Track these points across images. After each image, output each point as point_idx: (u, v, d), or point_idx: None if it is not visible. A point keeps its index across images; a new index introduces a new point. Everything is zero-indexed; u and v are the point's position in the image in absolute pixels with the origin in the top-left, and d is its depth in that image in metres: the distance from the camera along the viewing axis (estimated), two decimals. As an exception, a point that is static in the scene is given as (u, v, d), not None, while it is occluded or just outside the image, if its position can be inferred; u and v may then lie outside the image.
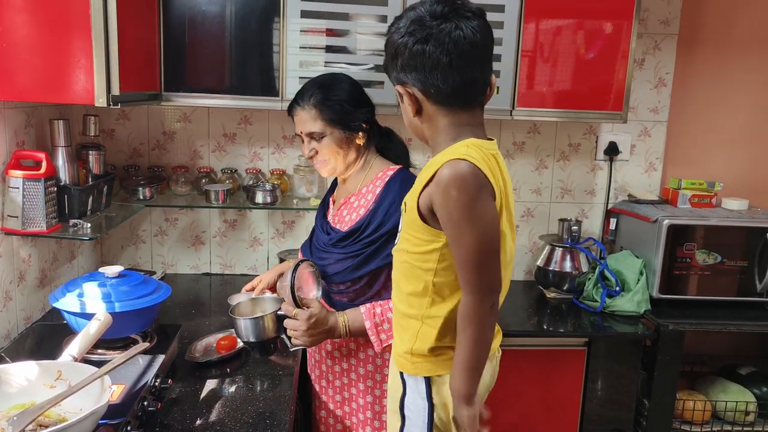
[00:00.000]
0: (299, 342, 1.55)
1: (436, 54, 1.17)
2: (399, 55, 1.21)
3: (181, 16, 1.99)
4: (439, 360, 1.31)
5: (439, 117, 1.26)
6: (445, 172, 1.17)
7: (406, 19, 1.21)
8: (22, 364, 1.23)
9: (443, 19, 1.18)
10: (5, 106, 1.68)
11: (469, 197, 1.15)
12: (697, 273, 2.25)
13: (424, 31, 1.18)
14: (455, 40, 1.17)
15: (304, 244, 1.81)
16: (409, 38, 1.19)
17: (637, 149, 2.57)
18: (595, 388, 2.17)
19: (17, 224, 1.68)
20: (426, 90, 1.22)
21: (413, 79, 1.22)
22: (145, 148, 2.38)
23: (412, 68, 1.20)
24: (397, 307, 1.38)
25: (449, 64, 1.18)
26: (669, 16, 2.47)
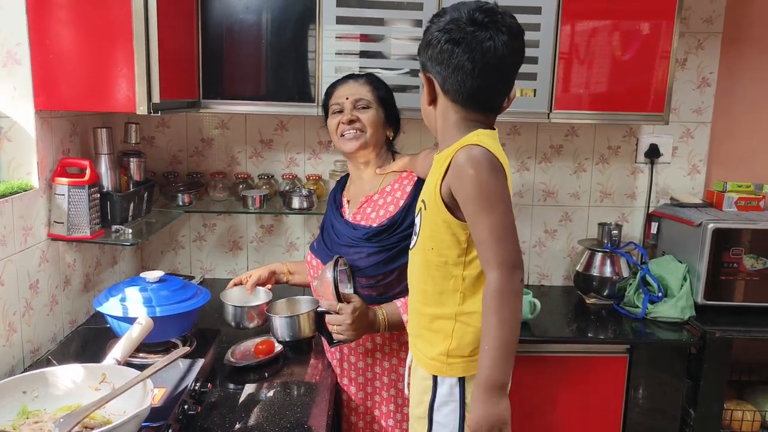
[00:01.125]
0: (343, 337, 1.54)
1: (463, 58, 1.22)
2: (430, 46, 1.27)
3: (219, 24, 2.02)
4: (475, 358, 1.29)
5: (451, 112, 1.31)
6: (461, 156, 1.22)
7: (448, 15, 1.26)
8: (68, 366, 1.26)
9: (480, 27, 1.22)
10: (52, 116, 1.74)
11: (486, 174, 1.20)
12: (744, 278, 2.18)
13: (459, 33, 1.22)
14: (484, 50, 1.22)
15: (315, 245, 1.81)
16: (443, 35, 1.24)
17: (679, 151, 2.51)
18: (637, 396, 2.11)
19: (63, 230, 1.72)
20: (444, 85, 1.28)
21: (436, 72, 1.28)
22: (184, 155, 2.43)
23: (438, 62, 1.26)
24: (423, 311, 1.37)
25: (471, 71, 1.23)
26: (713, 14, 2.40)
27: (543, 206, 2.53)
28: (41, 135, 1.68)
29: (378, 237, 1.64)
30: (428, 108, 1.34)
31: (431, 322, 1.35)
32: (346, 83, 1.75)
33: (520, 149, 2.48)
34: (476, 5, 1.25)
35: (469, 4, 1.25)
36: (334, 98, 1.75)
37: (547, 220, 2.54)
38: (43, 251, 1.70)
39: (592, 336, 2.12)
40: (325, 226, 1.83)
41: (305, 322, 1.57)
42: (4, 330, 1.52)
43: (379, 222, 1.67)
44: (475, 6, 1.25)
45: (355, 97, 1.70)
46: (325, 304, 1.56)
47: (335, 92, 1.75)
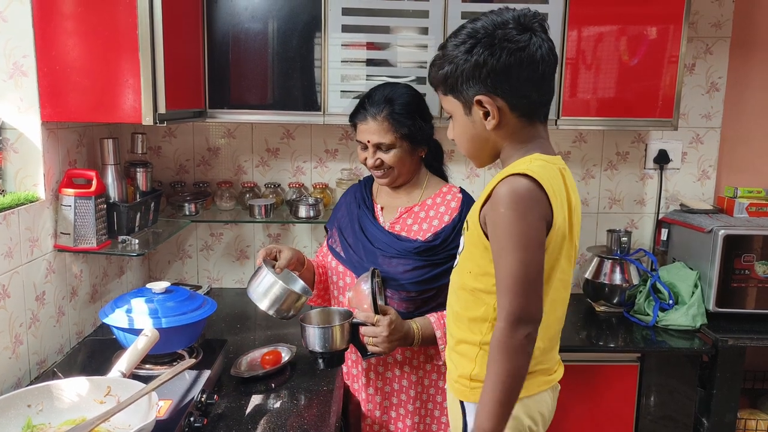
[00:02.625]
0: (378, 349, 1.52)
1: (533, 65, 1.16)
2: (485, 65, 1.16)
3: (225, 34, 2.02)
4: None
5: (520, 130, 1.23)
6: (502, 188, 1.14)
7: (489, 27, 1.17)
8: (73, 379, 1.25)
9: (532, 31, 1.17)
10: (58, 127, 1.74)
11: (517, 215, 1.12)
12: (757, 285, 2.15)
13: (517, 42, 1.16)
14: (546, 52, 1.18)
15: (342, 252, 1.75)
16: (501, 50, 1.15)
17: (688, 157, 2.48)
18: (648, 405, 2.08)
19: (69, 241, 1.72)
20: (515, 102, 1.19)
21: (502, 91, 1.18)
22: (191, 165, 2.43)
23: (503, 80, 1.17)
24: (453, 334, 1.34)
25: (542, 77, 1.18)
26: (721, 18, 2.38)
27: (551, 213, 2.51)
28: (48, 146, 1.68)
29: (429, 252, 1.63)
30: (485, 134, 1.23)
31: (457, 345, 1.32)
32: (366, 122, 1.65)
33: (527, 156, 2.46)
34: (513, 12, 1.19)
35: (504, 13, 1.19)
36: (359, 133, 1.69)
37: (555, 227, 2.52)
38: (50, 262, 1.70)
39: (603, 344, 2.09)
40: (347, 228, 1.75)
41: (339, 334, 1.53)
42: (10, 342, 1.52)
43: (423, 236, 1.64)
44: (514, 13, 1.19)
45: (376, 142, 1.64)
46: (361, 316, 1.53)
47: (359, 127, 1.68)
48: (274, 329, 2.06)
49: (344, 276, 1.74)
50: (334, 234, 1.81)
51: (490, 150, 1.27)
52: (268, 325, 2.12)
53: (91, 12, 1.60)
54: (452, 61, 1.20)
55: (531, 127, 1.24)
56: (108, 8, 1.59)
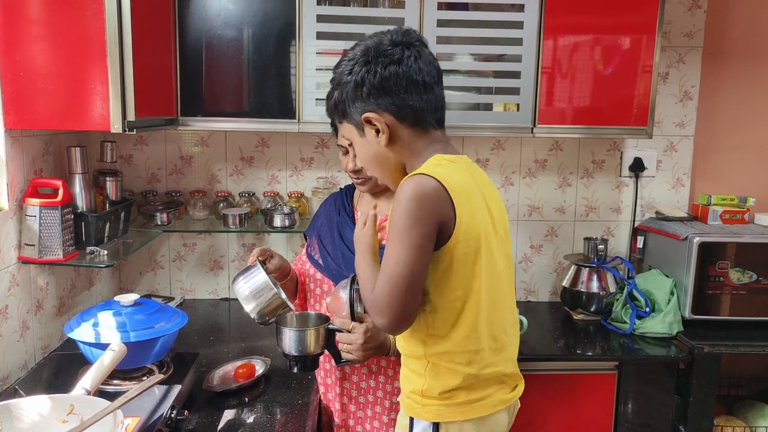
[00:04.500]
0: (352, 357, 1.49)
1: (409, 73, 1.18)
2: (365, 83, 1.19)
3: (197, 40, 1.99)
4: (451, 404, 1.24)
5: (415, 139, 1.24)
6: (399, 190, 1.17)
7: (363, 48, 1.22)
8: (34, 398, 1.19)
9: (404, 45, 1.21)
10: (23, 135, 1.69)
11: (407, 212, 1.14)
12: (731, 292, 2.16)
13: (391, 56, 1.19)
14: (423, 61, 1.21)
15: (319, 259, 1.72)
16: (375, 65, 1.19)
17: (663, 165, 2.50)
18: (626, 413, 2.08)
19: (34, 252, 1.66)
20: (401, 113, 1.20)
21: (386, 105, 1.20)
22: (163, 173, 2.38)
23: (384, 93, 1.19)
24: (402, 350, 1.34)
25: (423, 83, 1.20)
26: (693, 28, 2.41)
27: (528, 221, 2.51)
28: (11, 155, 1.63)
29: None
30: (382, 151, 1.24)
31: (406, 360, 1.32)
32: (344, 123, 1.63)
33: (504, 164, 2.46)
34: (389, 32, 1.23)
35: (380, 35, 1.24)
36: (339, 137, 1.61)
37: (532, 235, 2.52)
38: (13, 275, 1.64)
39: (580, 353, 2.09)
40: (326, 236, 1.73)
41: (314, 338, 1.49)
42: (-30, 358, 1.46)
43: None
44: (389, 33, 1.23)
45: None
46: (338, 322, 1.50)
47: (338, 129, 1.59)
48: (248, 341, 2.02)
49: (321, 284, 1.72)
50: (313, 242, 1.78)
51: (394, 166, 1.27)
52: (242, 337, 2.08)
53: (57, 16, 1.56)
54: (338, 87, 1.25)
55: (425, 134, 1.24)
56: (75, 12, 1.55)
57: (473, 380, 1.24)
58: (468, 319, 1.21)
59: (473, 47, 2.06)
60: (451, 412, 1.24)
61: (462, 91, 2.10)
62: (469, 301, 1.20)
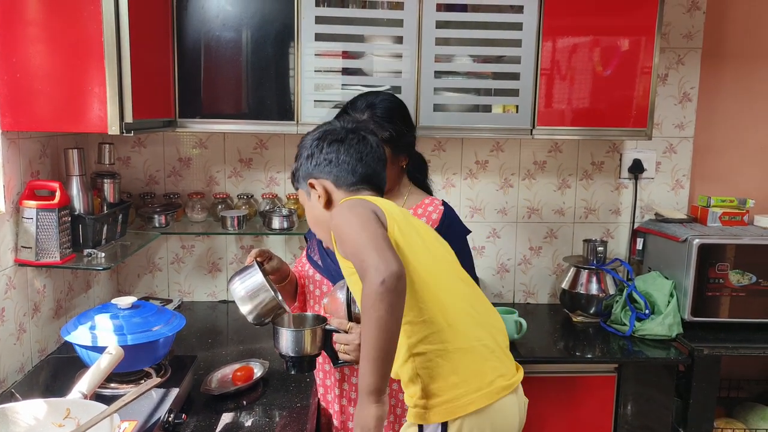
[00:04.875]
0: (349, 357, 1.48)
1: (349, 150, 1.40)
2: (313, 156, 1.41)
3: (196, 42, 1.98)
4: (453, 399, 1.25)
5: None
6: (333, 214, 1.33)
7: (320, 129, 1.46)
8: (29, 402, 1.19)
9: (352, 130, 1.43)
10: (20, 137, 1.68)
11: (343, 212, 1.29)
12: (731, 294, 2.16)
13: (337, 134, 1.42)
14: (363, 143, 1.41)
15: (318, 260, 1.72)
16: (323, 141, 1.41)
17: (662, 166, 2.50)
18: (626, 415, 2.07)
19: (31, 255, 1.66)
20: (338, 181, 1.40)
21: (326, 173, 1.40)
22: (161, 175, 2.37)
23: (326, 163, 1.40)
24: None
25: (359, 158, 1.40)
26: (692, 29, 2.41)
27: (527, 223, 2.50)
28: (8, 156, 1.62)
29: None
30: (323, 213, 1.41)
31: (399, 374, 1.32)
32: None
33: (503, 166, 2.46)
34: (343, 120, 1.49)
35: (336, 120, 1.50)
36: None
37: (531, 237, 2.51)
38: (10, 278, 1.63)
39: (580, 355, 2.08)
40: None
41: (311, 339, 1.48)
42: (-34, 362, 1.45)
43: None
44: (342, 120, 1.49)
45: None
46: (335, 323, 1.50)
47: None
48: (246, 344, 2.01)
49: (321, 285, 1.72)
50: (313, 243, 1.78)
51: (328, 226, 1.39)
52: (240, 339, 2.07)
53: (54, 18, 1.55)
54: (297, 159, 1.48)
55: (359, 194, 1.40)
56: (72, 14, 1.54)
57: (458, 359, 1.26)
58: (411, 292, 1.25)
59: (472, 49, 2.06)
60: (455, 408, 1.24)
61: (461, 93, 2.09)
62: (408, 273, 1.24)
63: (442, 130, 2.10)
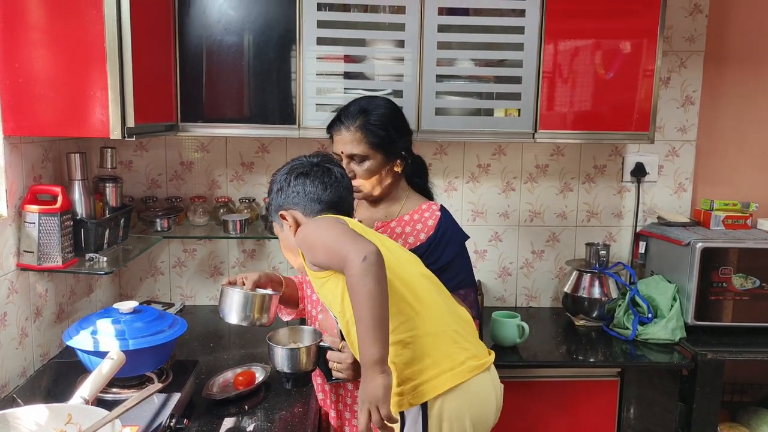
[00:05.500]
0: (342, 375, 1.50)
1: (314, 181, 1.47)
2: (282, 190, 1.49)
3: (197, 46, 1.98)
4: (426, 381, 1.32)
5: None
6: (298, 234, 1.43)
7: (288, 165, 1.53)
8: (31, 407, 1.19)
9: (316, 164, 1.51)
10: (22, 141, 1.68)
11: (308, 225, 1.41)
12: (734, 298, 2.15)
13: (304, 168, 1.49)
14: (327, 174, 1.49)
15: None
16: (291, 175, 1.49)
17: (665, 170, 2.49)
18: (629, 419, 2.06)
19: (33, 260, 1.66)
20: (305, 209, 1.47)
21: (294, 204, 1.47)
22: (163, 179, 2.37)
23: (294, 194, 1.48)
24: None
25: (324, 188, 1.48)
26: (694, 33, 2.40)
27: (529, 227, 2.50)
28: (10, 161, 1.62)
29: None
30: (294, 240, 1.47)
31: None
32: (338, 131, 1.66)
33: (505, 169, 2.45)
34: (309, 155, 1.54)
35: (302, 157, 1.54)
36: (334, 144, 1.69)
37: (534, 241, 2.51)
38: (12, 282, 1.63)
39: (583, 359, 2.08)
40: None
41: (306, 356, 1.52)
42: (-32, 366, 1.45)
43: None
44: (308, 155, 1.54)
45: (349, 152, 1.64)
46: (328, 340, 1.52)
47: (333, 137, 1.69)
48: (248, 348, 2.01)
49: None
50: None
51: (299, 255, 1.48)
52: (242, 344, 2.07)
53: (56, 23, 1.56)
54: (269, 194, 1.55)
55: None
56: (74, 19, 1.55)
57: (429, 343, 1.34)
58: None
59: (474, 52, 2.06)
60: (430, 388, 1.31)
61: (463, 97, 2.09)
62: None
63: (444, 134, 2.10)
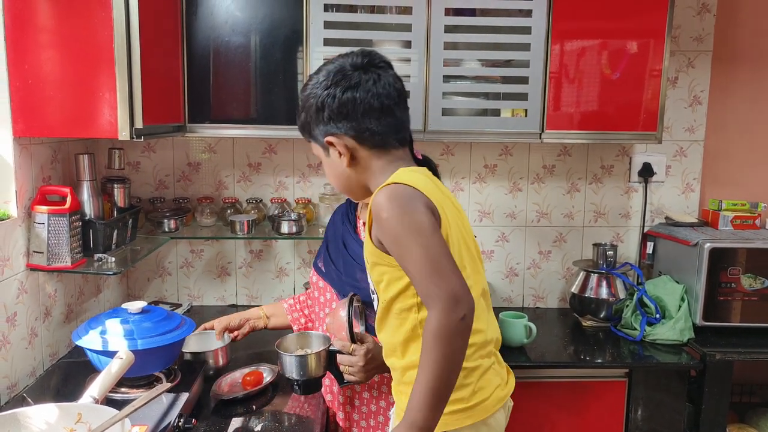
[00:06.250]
0: (354, 378, 1.48)
1: (367, 99, 1.22)
2: (326, 107, 1.23)
3: (205, 47, 1.99)
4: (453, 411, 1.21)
5: (374, 160, 1.27)
6: (374, 202, 1.18)
7: (325, 72, 1.25)
8: (41, 406, 1.19)
9: (363, 69, 1.24)
10: (31, 142, 1.69)
11: (399, 212, 1.14)
12: (743, 299, 2.14)
13: (350, 80, 1.22)
14: (382, 85, 1.24)
15: (323, 267, 1.72)
16: (335, 89, 1.22)
17: (672, 170, 2.48)
18: (637, 420, 2.05)
19: (42, 260, 1.67)
20: (361, 136, 1.24)
21: (345, 128, 1.23)
22: (171, 180, 2.38)
23: (342, 117, 1.23)
24: (395, 366, 1.31)
25: (381, 108, 1.23)
26: (702, 32, 2.40)
27: (536, 227, 2.50)
28: (20, 162, 1.63)
29: None
30: (345, 171, 1.28)
31: (404, 374, 1.28)
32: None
33: (512, 170, 2.45)
34: (351, 54, 1.26)
35: (344, 57, 1.26)
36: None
37: (541, 241, 2.50)
38: (22, 282, 1.64)
39: (590, 360, 2.07)
40: (332, 244, 1.73)
41: (316, 362, 1.49)
42: (-22, 366, 1.46)
43: None
44: (351, 55, 1.26)
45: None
46: (338, 344, 1.49)
47: None
48: (255, 348, 2.01)
49: (324, 291, 1.72)
50: (321, 250, 1.78)
51: (357, 185, 1.31)
52: (249, 344, 2.07)
53: (65, 24, 1.56)
54: (303, 109, 1.28)
55: (387, 154, 1.27)
56: (83, 21, 1.56)
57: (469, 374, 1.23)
58: None
59: (481, 53, 2.06)
60: (454, 420, 1.22)
61: (469, 97, 2.09)
62: None
63: (451, 134, 2.10)
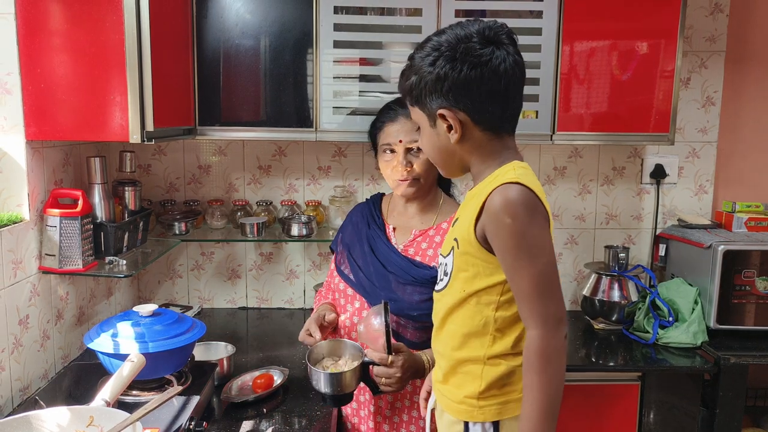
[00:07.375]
0: (390, 389, 1.46)
1: (494, 80, 1.14)
2: (446, 79, 1.15)
3: (215, 50, 1.99)
4: (509, 400, 1.22)
5: (486, 142, 1.21)
6: (497, 198, 1.13)
7: (451, 41, 1.15)
8: (53, 409, 1.19)
9: (495, 45, 1.15)
10: (44, 146, 1.70)
11: (524, 223, 1.11)
12: (757, 301, 2.11)
13: (479, 57, 1.14)
14: (509, 65, 1.16)
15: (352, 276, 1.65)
16: (462, 63, 1.14)
17: (685, 171, 2.46)
18: (650, 423, 2.03)
19: (54, 263, 1.67)
20: (478, 116, 1.17)
21: (464, 105, 1.16)
22: (181, 183, 2.39)
23: (464, 93, 1.15)
24: (451, 356, 1.28)
25: (505, 91, 1.16)
26: (715, 33, 2.37)
27: (548, 229, 2.48)
28: (32, 166, 1.64)
29: None
30: (451, 147, 1.21)
31: (458, 366, 1.26)
32: (398, 120, 1.56)
33: (523, 172, 2.44)
34: (478, 23, 1.17)
35: (470, 25, 1.17)
36: (385, 136, 1.59)
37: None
38: (34, 285, 1.65)
39: (603, 363, 2.05)
40: (356, 248, 1.66)
41: (350, 378, 1.44)
42: (-9, 368, 1.47)
43: (437, 262, 1.51)
44: (478, 23, 1.17)
45: (409, 141, 1.54)
46: (374, 356, 1.44)
47: (385, 128, 1.59)
48: (266, 351, 2.02)
49: (353, 300, 1.65)
50: (342, 255, 1.71)
51: (458, 163, 1.25)
52: (259, 346, 2.07)
53: (77, 29, 1.57)
54: (417, 73, 1.19)
55: (497, 139, 1.22)
56: (95, 25, 1.56)
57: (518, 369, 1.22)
58: None
59: (491, 54, 2.04)
60: (509, 408, 1.22)
61: (480, 99, 2.08)
62: None
63: (461, 136, 2.09)
